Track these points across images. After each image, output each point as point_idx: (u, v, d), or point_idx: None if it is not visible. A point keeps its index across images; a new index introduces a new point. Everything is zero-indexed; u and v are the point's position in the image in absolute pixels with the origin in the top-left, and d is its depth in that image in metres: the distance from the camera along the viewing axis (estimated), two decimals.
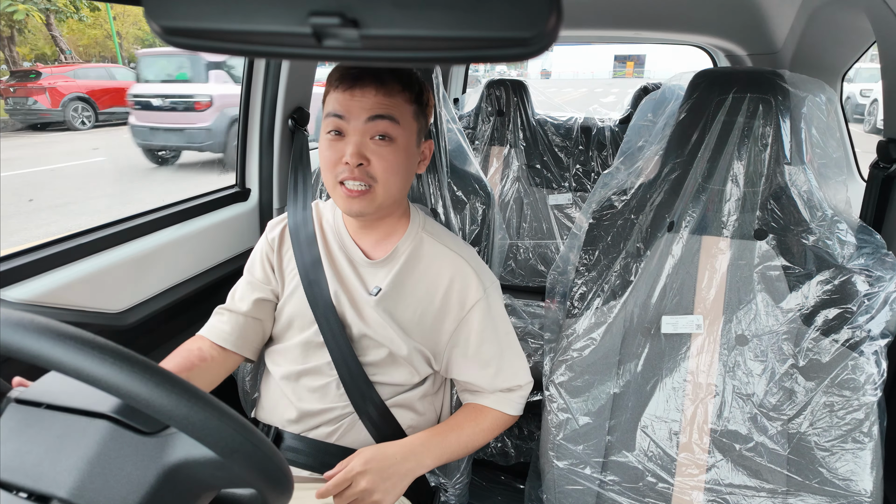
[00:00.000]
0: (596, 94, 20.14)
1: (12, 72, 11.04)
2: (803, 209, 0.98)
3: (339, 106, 0.88)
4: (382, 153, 0.88)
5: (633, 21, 1.80)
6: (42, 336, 0.44)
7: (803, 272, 0.96)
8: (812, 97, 0.99)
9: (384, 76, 0.88)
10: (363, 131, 0.87)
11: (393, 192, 0.92)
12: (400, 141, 0.89)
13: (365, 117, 0.87)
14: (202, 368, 0.97)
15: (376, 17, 0.30)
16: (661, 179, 1.07)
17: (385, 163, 0.88)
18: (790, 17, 1.36)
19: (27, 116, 9.68)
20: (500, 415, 1.00)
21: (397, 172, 0.90)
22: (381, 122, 0.87)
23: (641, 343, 1.02)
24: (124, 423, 0.50)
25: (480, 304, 0.98)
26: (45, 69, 10.78)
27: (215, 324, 1.03)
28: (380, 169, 0.88)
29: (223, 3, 0.30)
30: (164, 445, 0.49)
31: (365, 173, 0.88)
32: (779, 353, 0.95)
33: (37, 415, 0.51)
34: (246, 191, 1.61)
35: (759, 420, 0.94)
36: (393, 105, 0.88)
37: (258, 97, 1.53)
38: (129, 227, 1.24)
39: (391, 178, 0.90)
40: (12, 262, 1.02)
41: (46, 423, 0.51)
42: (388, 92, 0.88)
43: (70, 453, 0.48)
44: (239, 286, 1.07)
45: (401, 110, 0.89)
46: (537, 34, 0.30)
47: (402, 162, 0.90)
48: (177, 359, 0.96)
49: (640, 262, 1.05)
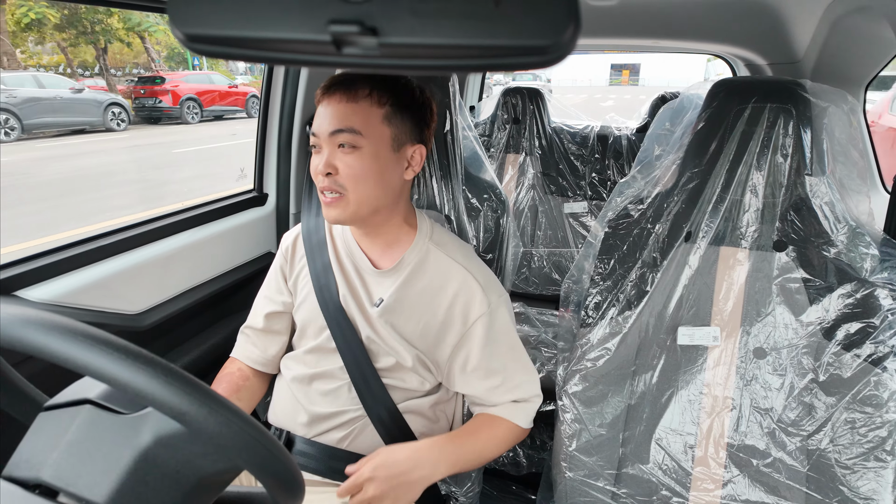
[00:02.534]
0: (596, 99, 22.11)
1: (140, 77, 13.89)
2: (824, 221, 0.97)
3: (315, 123, 0.91)
4: (347, 161, 0.89)
5: (651, 30, 1.79)
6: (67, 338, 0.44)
7: (824, 285, 0.94)
8: (834, 107, 0.98)
9: (356, 81, 0.90)
10: (330, 143, 0.90)
11: (365, 199, 0.91)
12: (366, 148, 0.89)
13: (329, 131, 0.89)
14: (247, 388, 1.06)
15: (395, 26, 0.30)
16: (678, 189, 1.06)
17: (350, 170, 0.89)
18: (812, 27, 1.34)
19: (152, 112, 12.14)
20: (512, 425, 0.99)
21: (366, 179, 0.90)
22: (341, 134, 0.88)
23: (657, 354, 1.01)
24: (102, 405, 0.49)
25: (483, 320, 0.97)
26: (168, 75, 13.44)
27: (243, 345, 1.10)
28: (347, 176, 0.89)
29: (245, 11, 0.31)
30: (141, 423, 0.48)
31: (333, 182, 0.90)
32: (798, 368, 0.93)
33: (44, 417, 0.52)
34: (263, 195, 1.63)
35: (777, 435, 0.92)
36: (356, 112, 0.88)
37: (277, 103, 1.55)
38: (148, 230, 1.26)
39: (360, 186, 0.90)
40: (34, 262, 1.04)
41: (48, 422, 0.51)
42: (353, 97, 0.89)
43: (56, 440, 0.48)
44: (258, 301, 1.12)
45: (365, 117, 0.89)
46: (555, 43, 0.30)
47: (369, 168, 0.89)
48: (223, 384, 1.04)
49: (656, 272, 1.04)
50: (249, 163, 1.67)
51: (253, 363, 1.08)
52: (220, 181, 6.84)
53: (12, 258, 1.04)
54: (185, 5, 0.31)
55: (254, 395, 1.07)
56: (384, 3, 0.30)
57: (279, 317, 1.08)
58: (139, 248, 1.23)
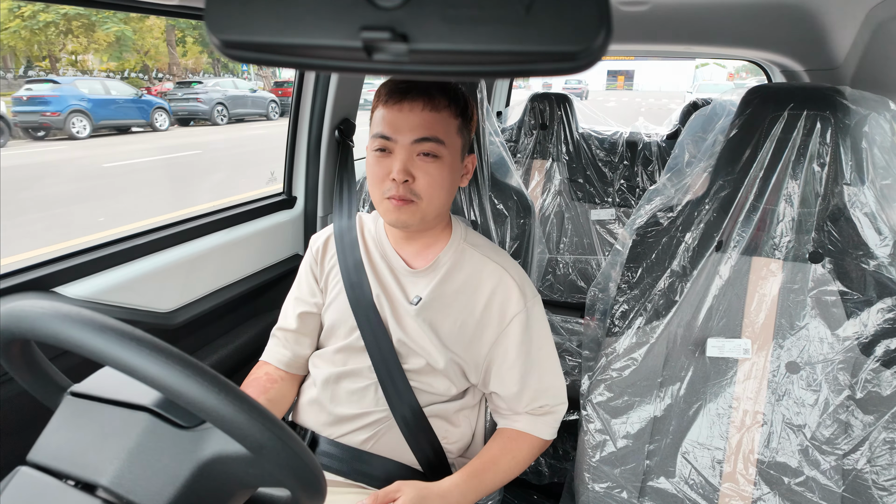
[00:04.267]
0: (598, 101, 25.07)
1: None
2: (863, 232, 0.93)
3: (386, 126, 0.89)
4: (428, 170, 0.89)
5: (684, 36, 1.76)
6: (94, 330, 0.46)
7: (862, 298, 0.91)
8: (875, 115, 0.94)
9: (432, 90, 0.89)
10: (410, 150, 0.89)
11: (437, 206, 0.93)
12: (445, 158, 0.90)
13: (412, 138, 0.88)
14: (276, 391, 1.05)
15: (425, 32, 0.30)
16: (709, 197, 1.04)
17: (430, 178, 0.90)
18: (853, 32, 1.30)
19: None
20: (535, 440, 0.99)
21: (442, 188, 0.91)
22: (426, 143, 0.88)
23: (685, 365, 0.99)
24: (163, 416, 0.52)
25: (520, 317, 0.98)
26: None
27: (274, 347, 1.10)
28: (425, 185, 0.90)
29: (279, 18, 0.31)
30: (200, 440, 0.51)
31: (409, 190, 0.90)
32: (834, 384, 0.90)
33: (85, 406, 0.54)
34: (292, 198, 1.66)
35: (810, 453, 0.89)
36: (439, 121, 0.89)
37: (307, 109, 1.58)
38: (180, 231, 1.30)
39: (434, 194, 0.91)
40: (72, 260, 1.08)
41: (94, 415, 0.53)
42: (434, 106, 0.89)
43: (113, 444, 0.51)
44: (287, 303, 1.12)
45: (446, 126, 0.90)
46: (586, 49, 0.29)
47: (446, 177, 0.91)
48: (250, 389, 1.04)
49: (685, 281, 1.02)
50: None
51: (285, 366, 1.08)
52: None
53: (53, 255, 1.08)
54: (221, 12, 0.32)
55: (283, 397, 1.07)
56: (415, 10, 0.30)
57: (311, 318, 1.09)
58: (171, 248, 1.27)
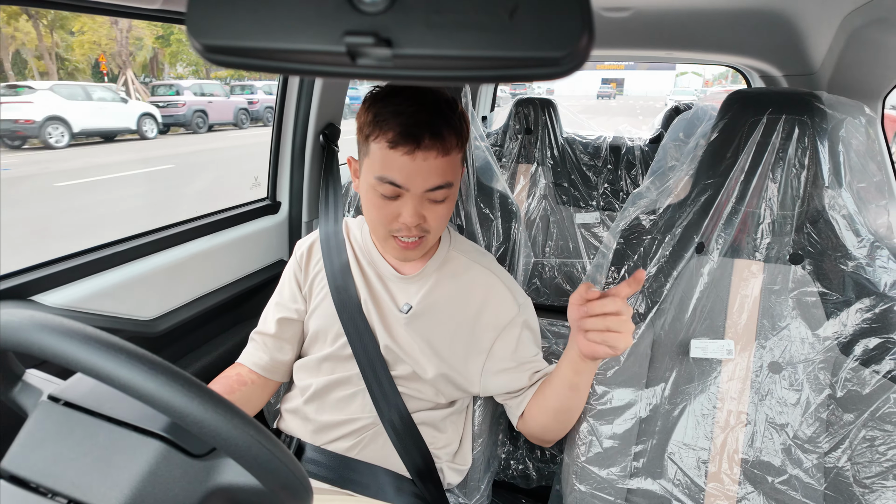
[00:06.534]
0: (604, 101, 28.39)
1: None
2: (842, 234, 0.95)
3: (397, 174, 0.85)
4: (438, 210, 0.90)
5: (665, 41, 1.79)
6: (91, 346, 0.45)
7: (841, 299, 0.92)
8: (851, 119, 0.97)
9: (441, 130, 0.84)
10: (421, 196, 0.87)
11: (440, 231, 0.95)
12: (453, 193, 0.91)
13: (425, 187, 0.86)
14: (242, 392, 1.01)
15: (409, 38, 0.30)
16: (691, 200, 1.05)
17: (439, 215, 0.91)
18: (829, 38, 1.33)
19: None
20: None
21: (447, 217, 0.93)
22: (439, 191, 0.88)
23: (669, 367, 1.00)
24: (175, 444, 0.50)
25: (517, 321, 1.00)
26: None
27: (251, 350, 1.07)
28: (434, 221, 0.91)
29: (262, 22, 0.31)
30: (211, 469, 0.50)
31: (420, 229, 0.90)
32: (815, 383, 0.91)
33: (78, 420, 0.51)
34: (276, 204, 1.64)
35: (793, 452, 0.90)
36: (450, 164, 0.87)
37: (291, 114, 1.57)
38: (162, 238, 1.28)
39: (442, 225, 0.93)
40: (50, 268, 1.06)
41: (92, 432, 0.51)
42: (446, 150, 0.86)
43: (121, 468, 0.48)
44: (268, 308, 1.10)
45: (455, 167, 0.89)
46: (569, 54, 0.30)
47: (451, 208, 0.93)
48: (216, 386, 1.01)
49: (668, 283, 1.03)
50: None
51: (260, 369, 1.05)
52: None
53: (30, 263, 1.06)
54: (203, 16, 0.32)
55: (250, 400, 1.03)
56: (399, 15, 0.30)
57: (291, 324, 1.06)
58: (153, 255, 1.25)
